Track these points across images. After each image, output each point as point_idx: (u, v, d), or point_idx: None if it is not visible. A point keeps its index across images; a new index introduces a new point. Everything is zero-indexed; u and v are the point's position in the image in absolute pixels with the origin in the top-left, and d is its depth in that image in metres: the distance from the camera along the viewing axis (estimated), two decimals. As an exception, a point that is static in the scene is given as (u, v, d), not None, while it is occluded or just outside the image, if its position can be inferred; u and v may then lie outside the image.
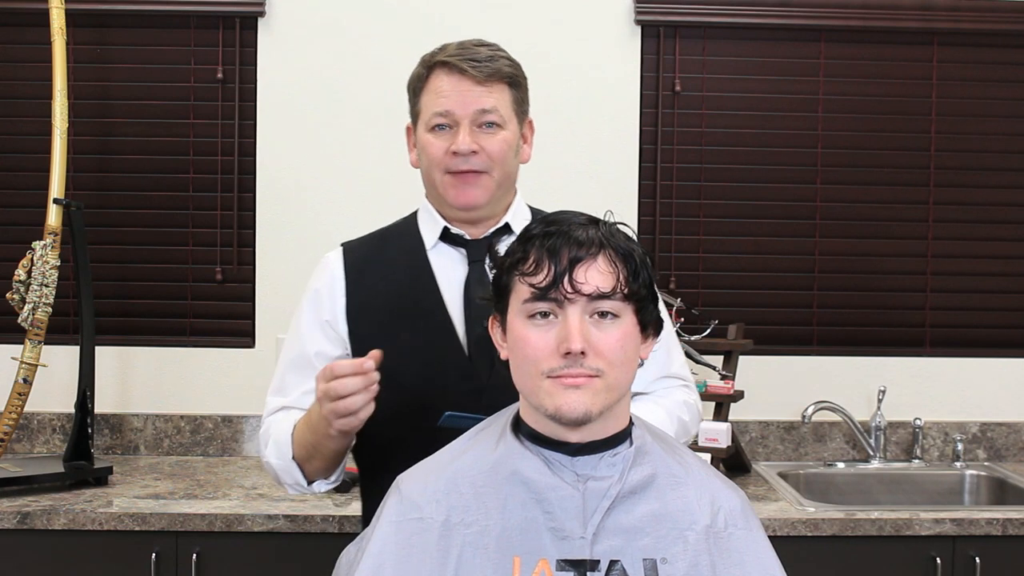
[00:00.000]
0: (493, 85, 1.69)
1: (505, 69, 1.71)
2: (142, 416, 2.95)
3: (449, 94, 1.68)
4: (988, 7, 3.00)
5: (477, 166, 1.69)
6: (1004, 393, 3.05)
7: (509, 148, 1.71)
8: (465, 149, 1.67)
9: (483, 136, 1.69)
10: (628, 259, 1.32)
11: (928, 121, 3.05)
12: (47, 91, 2.66)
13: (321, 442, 1.63)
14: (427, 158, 1.72)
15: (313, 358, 1.75)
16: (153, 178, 2.98)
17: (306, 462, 1.69)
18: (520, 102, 1.75)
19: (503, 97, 1.70)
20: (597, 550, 1.29)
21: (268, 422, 1.77)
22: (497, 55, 1.71)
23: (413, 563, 1.31)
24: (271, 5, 2.96)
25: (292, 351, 1.80)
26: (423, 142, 1.72)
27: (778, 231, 3.04)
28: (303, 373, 1.75)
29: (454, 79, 1.68)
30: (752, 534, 1.38)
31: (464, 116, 1.68)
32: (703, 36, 3.01)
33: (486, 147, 1.68)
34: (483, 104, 1.68)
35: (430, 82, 1.71)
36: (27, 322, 2.55)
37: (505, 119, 1.70)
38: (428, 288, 1.73)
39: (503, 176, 1.72)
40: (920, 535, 2.37)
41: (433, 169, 1.72)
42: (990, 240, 3.06)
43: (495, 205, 1.74)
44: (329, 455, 1.67)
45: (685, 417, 1.81)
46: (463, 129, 1.67)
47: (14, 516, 2.30)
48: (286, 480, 1.73)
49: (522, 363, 1.33)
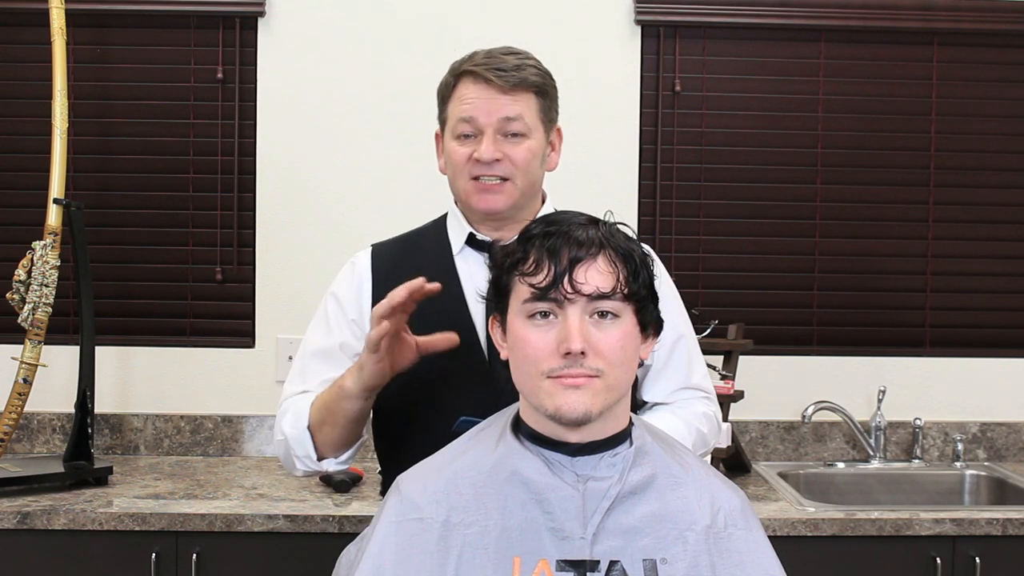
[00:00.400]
0: (519, 94, 1.71)
1: (532, 78, 1.73)
2: (142, 416, 2.95)
3: (474, 102, 1.70)
4: (988, 7, 3.00)
5: (501, 173, 1.71)
6: (1004, 393, 3.05)
7: (534, 156, 1.74)
8: (488, 157, 1.69)
9: (507, 144, 1.71)
10: (628, 259, 1.33)
11: (928, 121, 3.05)
12: (47, 91, 2.66)
13: (335, 401, 1.65)
14: (452, 165, 1.74)
15: (338, 349, 1.78)
16: (153, 178, 2.98)
17: (319, 429, 1.70)
18: (547, 110, 1.77)
19: (529, 105, 1.73)
20: (597, 550, 1.29)
21: (287, 403, 1.78)
22: (525, 64, 1.74)
23: (413, 563, 1.31)
24: (271, 5, 2.96)
25: (316, 343, 1.82)
26: (449, 149, 1.75)
27: (778, 231, 3.04)
28: (327, 363, 1.78)
29: (480, 87, 1.70)
30: (752, 534, 1.38)
31: (488, 124, 1.70)
32: (703, 36, 3.01)
33: (510, 155, 1.70)
34: (507, 112, 1.70)
35: (457, 90, 1.73)
36: (27, 322, 2.55)
37: (531, 127, 1.72)
38: (453, 292, 1.75)
39: (527, 184, 1.74)
40: (920, 535, 2.37)
41: (457, 176, 1.74)
42: (990, 240, 3.06)
43: (520, 211, 1.76)
44: (341, 419, 1.67)
45: (704, 429, 1.82)
46: (487, 137, 1.70)
47: (14, 516, 2.30)
48: (297, 451, 1.72)
49: (522, 363, 1.33)
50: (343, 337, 1.79)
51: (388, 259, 1.82)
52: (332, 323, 1.81)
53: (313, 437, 1.71)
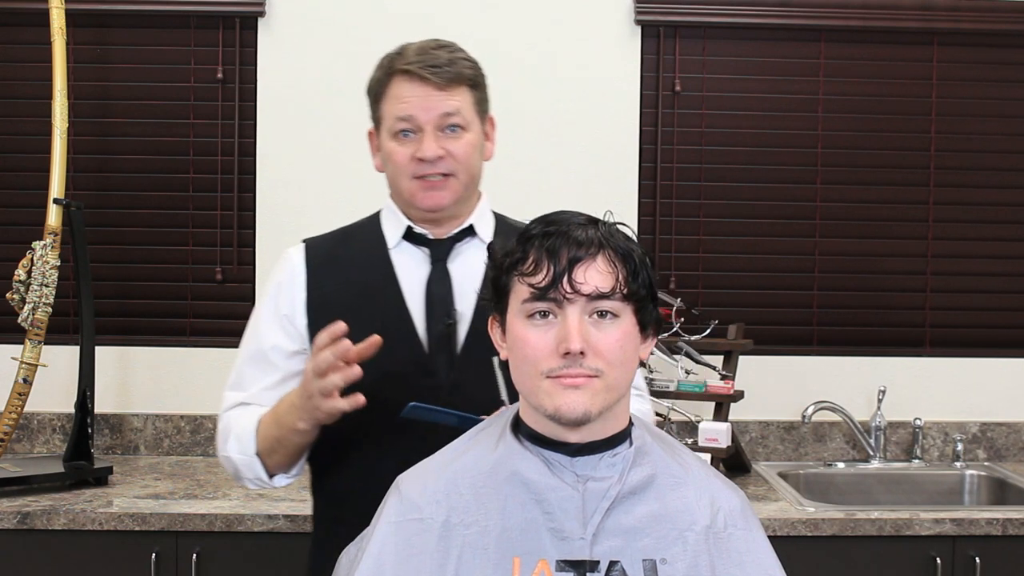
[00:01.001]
0: (455, 89, 1.70)
1: (466, 71, 1.71)
2: (142, 416, 2.95)
3: (411, 100, 1.69)
4: (988, 7, 3.00)
5: (443, 169, 1.69)
6: (1004, 393, 3.05)
7: (474, 150, 1.73)
8: (431, 155, 1.68)
9: (447, 140, 1.69)
10: (627, 259, 1.32)
11: (928, 121, 3.05)
12: (47, 91, 2.66)
13: (286, 436, 1.65)
14: (393, 165, 1.73)
15: (269, 352, 1.76)
16: (153, 178, 2.98)
17: (268, 456, 1.70)
18: (481, 101, 1.76)
19: (465, 99, 1.71)
20: (597, 551, 1.29)
21: (227, 417, 1.77)
22: (456, 57, 1.72)
23: (413, 564, 1.31)
24: (271, 5, 2.96)
25: (250, 345, 1.80)
26: (387, 149, 1.73)
27: (778, 231, 3.04)
28: (260, 368, 1.77)
29: (415, 85, 1.69)
30: (752, 534, 1.38)
31: (428, 122, 1.68)
32: (703, 36, 3.01)
33: (451, 150, 1.69)
34: (445, 108, 1.69)
35: (391, 88, 1.72)
36: (27, 322, 2.55)
37: (468, 121, 1.71)
38: (389, 285, 1.74)
39: (469, 178, 1.73)
40: (920, 535, 2.37)
41: (399, 175, 1.72)
42: (990, 240, 3.06)
43: (460, 206, 1.75)
44: (292, 450, 1.68)
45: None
46: (427, 135, 1.68)
47: (14, 516, 2.30)
48: (247, 475, 1.73)
49: (521, 363, 1.33)
50: (275, 338, 1.76)
51: (322, 253, 1.79)
52: (264, 322, 1.78)
53: (263, 461, 1.71)
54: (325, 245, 1.82)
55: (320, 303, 1.75)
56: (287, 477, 1.75)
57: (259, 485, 1.75)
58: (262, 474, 1.72)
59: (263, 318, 1.79)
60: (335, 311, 1.70)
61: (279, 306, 1.77)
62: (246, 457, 1.71)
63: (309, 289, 1.76)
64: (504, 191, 2.96)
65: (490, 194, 1.84)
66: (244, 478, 1.75)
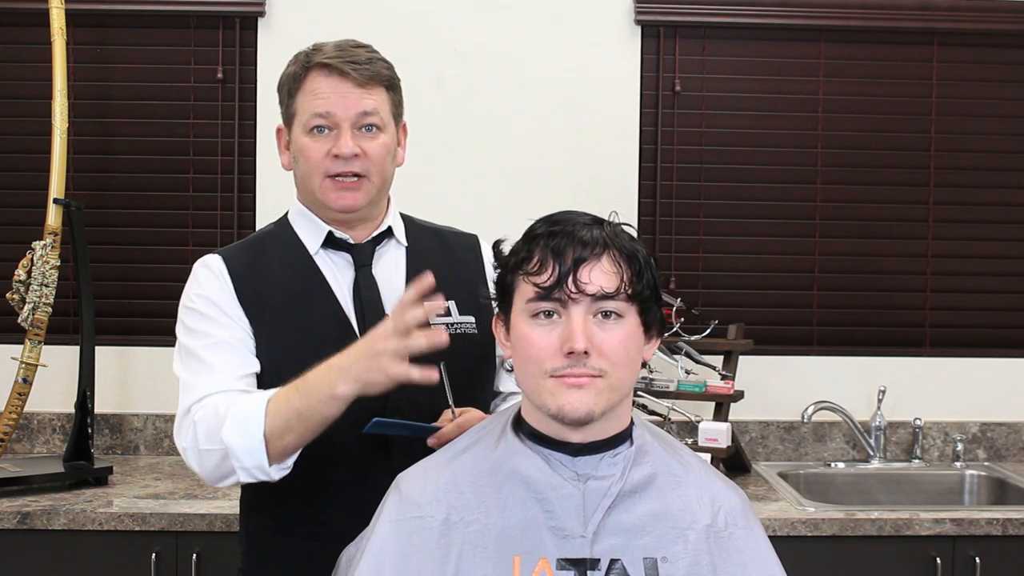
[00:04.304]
0: (373, 88, 1.67)
1: (384, 72, 1.69)
2: (142, 416, 2.95)
3: (329, 96, 1.65)
4: (988, 7, 3.00)
5: (357, 169, 1.66)
6: (1004, 393, 3.05)
7: (388, 152, 1.70)
8: (347, 152, 1.65)
9: (363, 139, 1.67)
10: (632, 260, 1.33)
11: (928, 121, 3.05)
12: (47, 91, 2.66)
13: (314, 407, 1.49)
14: (305, 161, 1.68)
15: (239, 342, 1.65)
16: (153, 178, 2.98)
17: (279, 437, 1.52)
18: (397, 105, 1.74)
19: (382, 100, 1.69)
20: (597, 549, 1.29)
21: (211, 404, 1.59)
22: (374, 57, 1.70)
23: (413, 562, 1.31)
24: (271, 5, 2.95)
25: (211, 338, 1.66)
26: (300, 145, 1.69)
27: (778, 231, 3.04)
28: (233, 354, 1.64)
29: (334, 81, 1.66)
30: (752, 534, 1.38)
31: (345, 118, 1.65)
32: (703, 36, 3.01)
33: (367, 150, 1.66)
34: (364, 107, 1.66)
35: (307, 83, 1.68)
36: (27, 322, 2.54)
37: (384, 122, 1.69)
38: (323, 292, 1.69)
39: (381, 180, 1.71)
40: (920, 535, 2.37)
41: (312, 173, 1.68)
42: (990, 240, 3.06)
43: (373, 208, 1.73)
44: (313, 425, 1.51)
45: None
46: (344, 132, 1.65)
47: (14, 516, 2.29)
48: (244, 462, 1.54)
49: (525, 362, 1.33)
50: (237, 333, 1.66)
51: (241, 262, 1.71)
52: (216, 320, 1.67)
53: (268, 446, 1.53)
54: (242, 256, 1.73)
55: (254, 314, 1.67)
56: (280, 468, 1.57)
57: (253, 476, 1.55)
58: (263, 460, 1.53)
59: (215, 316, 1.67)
60: (272, 316, 1.66)
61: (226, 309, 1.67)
62: (249, 441, 1.52)
63: (240, 295, 1.67)
64: (504, 191, 2.97)
65: (490, 194, 1.84)
66: (238, 467, 1.55)
